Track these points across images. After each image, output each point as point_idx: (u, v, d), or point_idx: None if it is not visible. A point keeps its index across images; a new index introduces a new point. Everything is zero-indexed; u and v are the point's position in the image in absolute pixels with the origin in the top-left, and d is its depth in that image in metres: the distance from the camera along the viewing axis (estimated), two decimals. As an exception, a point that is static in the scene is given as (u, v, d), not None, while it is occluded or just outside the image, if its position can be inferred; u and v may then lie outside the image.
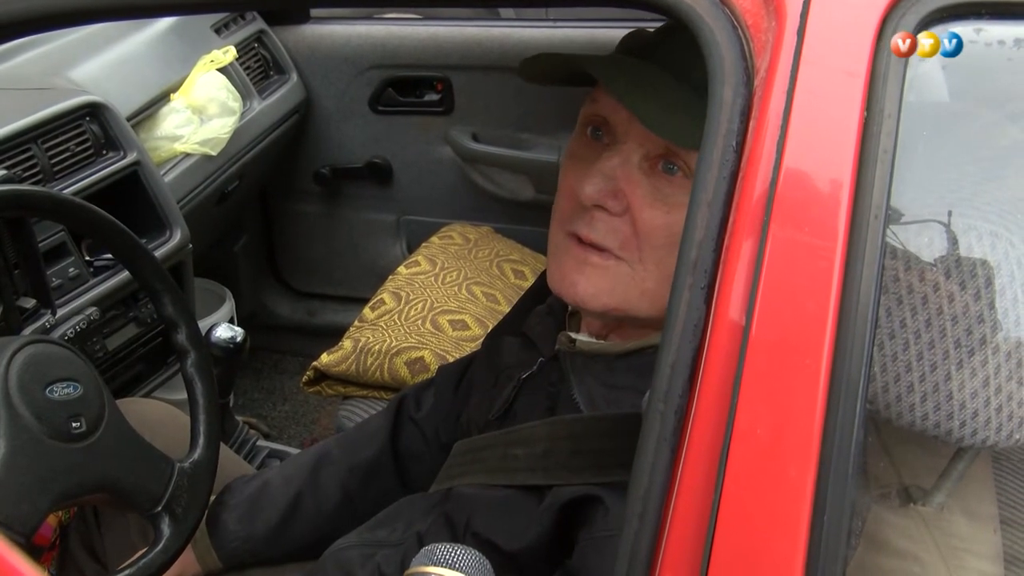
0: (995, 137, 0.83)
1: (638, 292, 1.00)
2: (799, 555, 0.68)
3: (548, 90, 1.12)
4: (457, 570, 0.83)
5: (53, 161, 1.69)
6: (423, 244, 2.42)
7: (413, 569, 0.85)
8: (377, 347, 1.98)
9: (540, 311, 1.20)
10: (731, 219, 0.73)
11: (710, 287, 0.73)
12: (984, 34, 0.74)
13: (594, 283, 1.00)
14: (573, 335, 1.10)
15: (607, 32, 2.36)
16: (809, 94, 0.73)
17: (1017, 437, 0.81)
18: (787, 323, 0.70)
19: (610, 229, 0.99)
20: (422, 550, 0.86)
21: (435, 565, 0.84)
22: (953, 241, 0.79)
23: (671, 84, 0.97)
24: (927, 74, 0.75)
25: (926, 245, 0.79)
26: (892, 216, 0.73)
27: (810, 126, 0.72)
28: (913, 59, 0.72)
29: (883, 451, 0.88)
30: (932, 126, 0.81)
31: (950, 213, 0.80)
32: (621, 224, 0.99)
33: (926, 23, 0.72)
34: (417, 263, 2.29)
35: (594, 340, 1.08)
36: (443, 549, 0.85)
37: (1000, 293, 0.79)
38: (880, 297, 0.71)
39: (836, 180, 0.71)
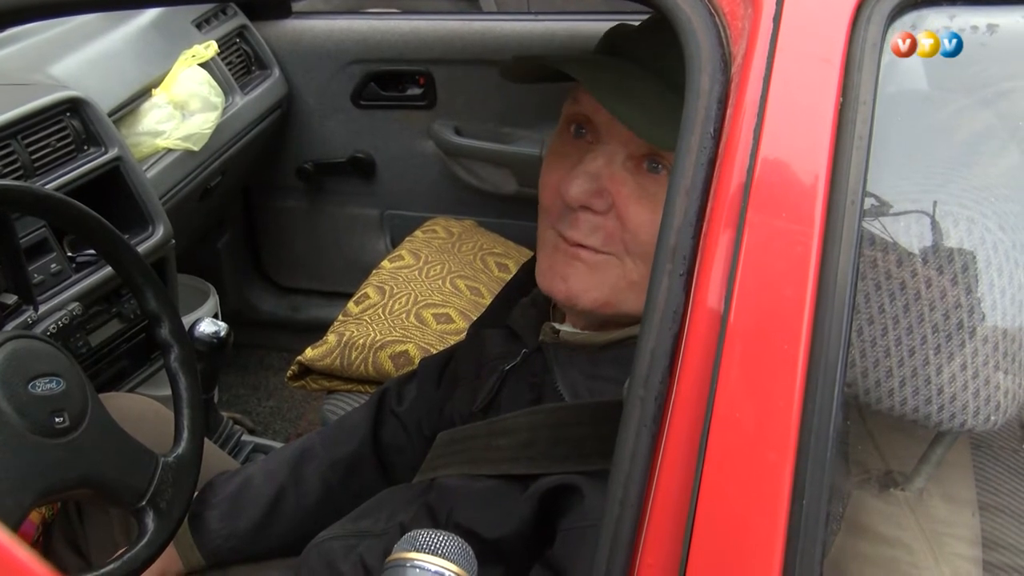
0: (970, 123, 0.84)
1: (626, 284, 1.00)
2: (778, 538, 0.68)
3: (530, 84, 1.12)
4: (440, 556, 0.83)
5: (34, 157, 1.69)
6: (407, 238, 2.42)
7: (395, 555, 0.85)
8: (361, 341, 1.98)
9: (524, 303, 1.20)
10: (709, 206, 0.74)
11: (689, 273, 0.73)
12: (957, 20, 0.75)
13: (583, 279, 1.01)
14: (557, 326, 1.11)
15: (589, 25, 2.37)
16: (785, 81, 0.73)
17: (994, 420, 0.81)
18: (765, 309, 0.71)
19: (593, 227, 1.00)
20: (405, 536, 0.86)
21: (417, 551, 0.84)
22: (930, 227, 0.80)
23: (655, 87, 0.97)
24: (902, 61, 0.75)
25: (903, 231, 0.79)
26: (868, 202, 0.74)
27: (786, 113, 0.73)
28: (888, 45, 0.73)
29: (863, 436, 0.88)
30: (907, 112, 0.81)
31: (927, 199, 0.80)
32: (605, 221, 0.99)
33: (901, 9, 0.73)
34: (401, 257, 2.29)
35: (578, 331, 1.09)
36: (426, 535, 0.85)
37: (977, 278, 0.80)
38: (857, 282, 0.71)
39: (812, 166, 0.72)
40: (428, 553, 0.84)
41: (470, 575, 0.84)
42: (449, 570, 0.83)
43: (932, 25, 0.74)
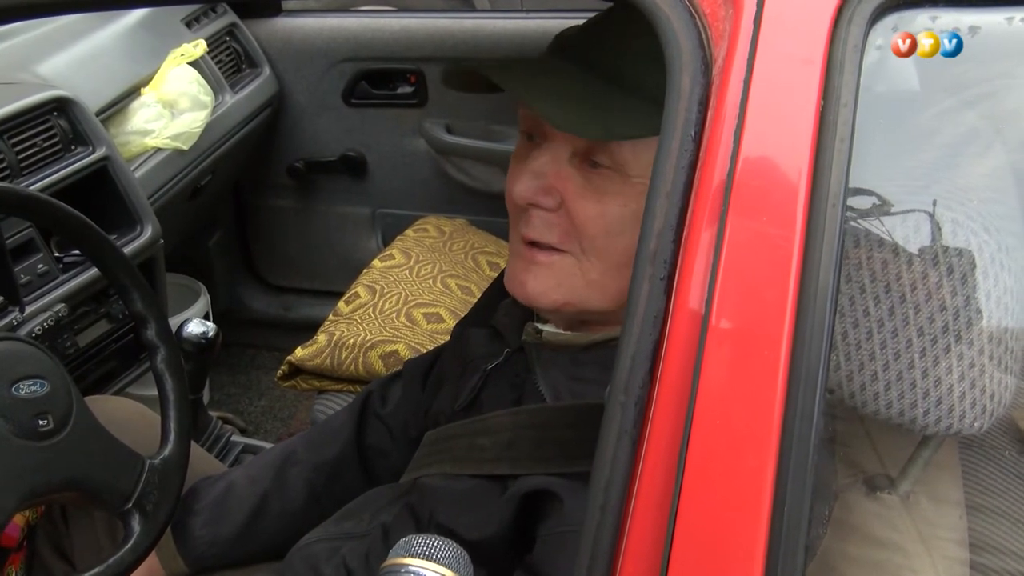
0: (953, 124, 0.83)
1: (583, 283, 1.01)
2: (760, 543, 0.67)
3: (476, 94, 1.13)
4: (435, 562, 0.83)
5: (20, 156, 1.68)
6: (398, 237, 2.42)
7: (391, 561, 0.84)
8: (352, 341, 1.97)
9: (507, 303, 1.20)
10: (690, 209, 0.73)
11: (670, 278, 0.73)
12: (939, 22, 0.74)
13: (541, 281, 1.03)
14: (540, 326, 1.11)
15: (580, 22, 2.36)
16: (766, 83, 0.72)
17: (980, 424, 0.81)
18: (746, 312, 0.70)
19: (547, 224, 1.01)
20: (400, 541, 0.86)
21: (412, 556, 0.84)
22: (914, 229, 0.79)
23: (583, 80, 0.98)
24: (884, 62, 0.75)
25: (887, 234, 0.79)
26: (851, 205, 0.73)
27: (767, 115, 0.72)
28: (869, 47, 0.72)
29: (849, 439, 0.88)
30: (890, 114, 0.81)
31: (910, 201, 0.80)
32: (558, 219, 1.01)
33: (882, 10, 0.72)
34: (392, 256, 2.28)
35: (560, 331, 1.09)
36: (421, 541, 0.85)
37: (962, 281, 0.79)
38: (839, 285, 0.71)
39: (794, 168, 0.71)
40: (423, 559, 0.83)
41: None
42: (444, 575, 0.82)
43: (914, 27, 0.73)
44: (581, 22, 1.07)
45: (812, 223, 0.70)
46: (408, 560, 0.83)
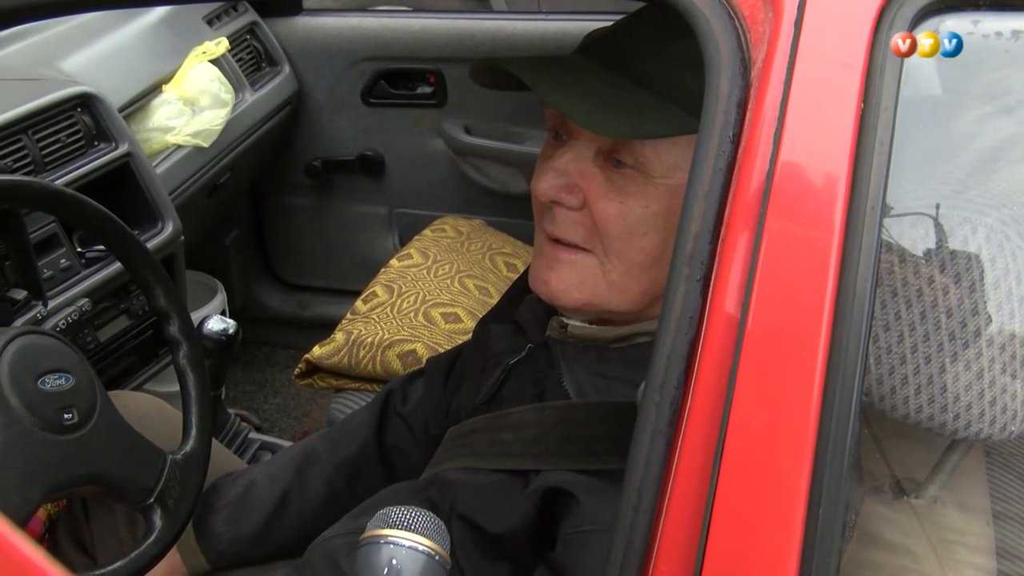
0: (992, 129, 0.83)
1: (605, 285, 1.02)
2: (794, 548, 0.68)
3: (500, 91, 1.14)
4: (413, 531, 0.84)
5: (44, 152, 1.69)
6: (415, 237, 2.42)
7: (369, 533, 0.86)
8: (369, 340, 1.98)
9: (531, 299, 1.20)
10: (727, 211, 0.73)
11: (706, 279, 0.73)
12: (981, 26, 0.74)
13: (563, 279, 1.03)
14: (565, 320, 1.11)
15: (599, 25, 2.36)
16: (806, 86, 0.73)
17: (1011, 430, 0.81)
18: (783, 315, 0.70)
19: (571, 223, 1.02)
20: (378, 514, 0.87)
21: (391, 527, 0.85)
22: (949, 234, 0.79)
23: (609, 80, 0.99)
24: (924, 66, 0.75)
25: (921, 238, 0.79)
26: (888, 209, 0.73)
27: (807, 118, 0.72)
28: (910, 51, 0.72)
29: (877, 444, 0.88)
30: (929, 118, 0.81)
31: (945, 205, 0.80)
32: (582, 218, 1.01)
33: (924, 14, 0.72)
34: (409, 256, 2.28)
35: (586, 325, 1.09)
36: (398, 512, 0.86)
37: (995, 286, 0.79)
38: (876, 289, 0.71)
39: (833, 172, 0.71)
40: (401, 529, 0.84)
41: (443, 548, 0.85)
42: (422, 544, 0.84)
43: (956, 30, 0.73)
44: (602, 24, 1.08)
45: (851, 227, 0.70)
46: (387, 531, 0.85)
